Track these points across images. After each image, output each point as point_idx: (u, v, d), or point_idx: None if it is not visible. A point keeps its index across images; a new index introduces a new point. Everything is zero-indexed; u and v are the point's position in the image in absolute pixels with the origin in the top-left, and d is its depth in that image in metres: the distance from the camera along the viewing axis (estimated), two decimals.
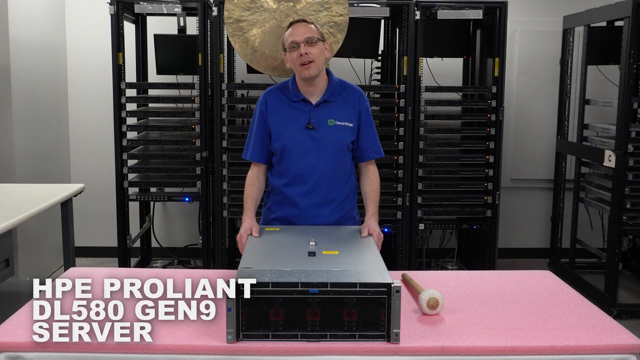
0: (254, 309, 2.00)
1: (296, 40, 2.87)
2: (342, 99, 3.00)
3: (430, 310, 2.29)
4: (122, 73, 4.99)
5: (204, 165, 5.01)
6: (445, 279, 2.75)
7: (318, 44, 2.88)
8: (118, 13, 4.91)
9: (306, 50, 2.85)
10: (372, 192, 3.04)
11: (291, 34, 2.91)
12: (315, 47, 2.87)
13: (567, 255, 5.87)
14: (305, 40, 2.86)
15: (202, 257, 5.21)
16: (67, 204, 4.09)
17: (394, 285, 2.00)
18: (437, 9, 4.90)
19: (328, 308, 2.01)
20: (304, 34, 2.87)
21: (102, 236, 6.14)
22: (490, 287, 2.64)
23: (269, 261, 2.36)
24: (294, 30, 2.90)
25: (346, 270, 2.14)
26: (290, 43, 2.89)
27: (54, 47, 5.83)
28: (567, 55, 5.72)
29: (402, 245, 5.07)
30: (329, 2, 3.45)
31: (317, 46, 2.88)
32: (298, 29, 2.90)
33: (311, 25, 2.93)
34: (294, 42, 2.88)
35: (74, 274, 2.73)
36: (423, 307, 2.30)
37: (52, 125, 5.79)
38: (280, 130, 2.97)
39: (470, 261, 5.80)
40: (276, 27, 3.18)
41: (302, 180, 2.98)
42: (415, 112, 4.93)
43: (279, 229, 2.86)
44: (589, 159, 5.41)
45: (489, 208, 5.11)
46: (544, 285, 2.67)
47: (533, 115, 6.17)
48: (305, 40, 2.86)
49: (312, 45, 2.86)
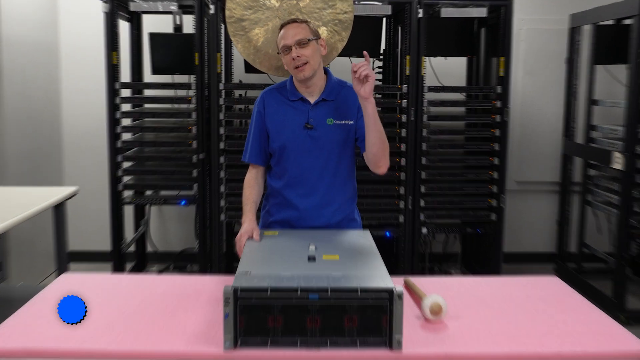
0: (252, 315, 2.00)
1: (287, 43, 2.88)
2: (341, 97, 3.01)
3: (434, 317, 2.29)
4: (116, 73, 4.99)
5: (200, 167, 5.01)
6: (448, 284, 2.75)
7: (311, 44, 2.89)
8: (112, 11, 4.91)
9: (298, 52, 2.86)
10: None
11: (282, 36, 2.92)
12: (307, 48, 2.88)
13: (574, 260, 5.88)
14: (296, 42, 2.87)
15: (199, 262, 5.20)
16: (60, 207, 4.09)
17: (396, 290, 2.00)
18: (440, 7, 4.90)
19: (328, 314, 2.01)
20: (295, 36, 2.88)
21: (96, 240, 6.14)
22: (495, 292, 2.64)
23: (268, 266, 2.36)
24: (285, 33, 2.92)
25: (347, 275, 2.14)
26: (282, 47, 2.91)
27: (46, 46, 5.83)
28: (574, 55, 5.73)
29: (404, 249, 5.07)
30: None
31: (309, 47, 2.89)
32: (289, 31, 2.91)
33: (303, 25, 2.94)
34: (285, 46, 2.89)
35: (66, 280, 2.74)
36: (426, 313, 2.30)
37: (45, 126, 5.80)
38: (278, 130, 2.98)
39: (475, 266, 5.80)
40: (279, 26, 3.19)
41: (301, 182, 2.99)
42: (418, 113, 4.94)
43: (277, 233, 2.87)
44: (596, 161, 5.41)
45: (494, 211, 5.12)
46: (550, 291, 2.67)
47: (539, 116, 6.18)
48: (296, 42, 2.87)
49: (304, 46, 2.87)
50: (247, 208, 2.97)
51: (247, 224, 2.84)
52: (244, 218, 2.92)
